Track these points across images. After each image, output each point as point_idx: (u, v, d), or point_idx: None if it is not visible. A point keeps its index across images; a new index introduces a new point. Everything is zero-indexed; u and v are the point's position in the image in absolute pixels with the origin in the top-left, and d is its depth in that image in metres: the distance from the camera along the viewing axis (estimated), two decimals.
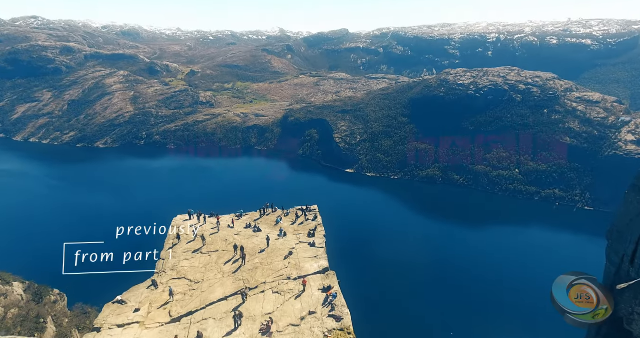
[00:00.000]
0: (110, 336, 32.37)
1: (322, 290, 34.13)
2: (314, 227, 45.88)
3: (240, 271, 38.54)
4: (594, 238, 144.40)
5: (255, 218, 50.48)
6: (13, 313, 55.16)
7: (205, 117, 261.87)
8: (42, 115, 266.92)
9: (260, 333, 29.89)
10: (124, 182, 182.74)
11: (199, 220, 48.43)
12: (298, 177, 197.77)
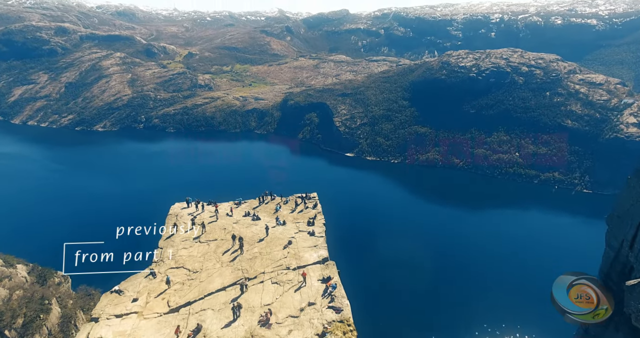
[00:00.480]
0: (108, 326, 32.09)
1: (322, 280, 33.72)
2: (313, 215, 45.23)
3: (239, 261, 38.08)
4: (592, 220, 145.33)
5: (254, 206, 49.80)
6: (18, 295, 55.45)
7: (204, 100, 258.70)
8: (39, 97, 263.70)
9: (259, 324, 29.58)
10: (123, 166, 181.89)
11: (197, 208, 47.76)
12: (298, 161, 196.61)
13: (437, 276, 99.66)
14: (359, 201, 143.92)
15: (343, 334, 28.29)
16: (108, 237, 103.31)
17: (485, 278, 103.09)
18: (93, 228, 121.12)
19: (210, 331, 29.59)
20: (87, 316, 61.94)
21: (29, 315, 51.79)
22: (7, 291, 56.81)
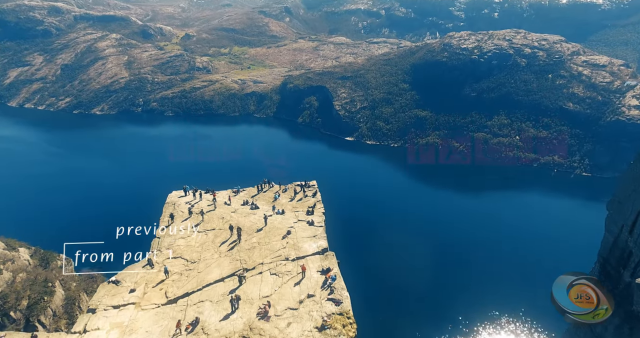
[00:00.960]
0: (105, 317, 31.84)
1: (321, 272, 33.26)
2: (312, 204, 44.57)
3: (237, 251, 37.60)
4: (590, 203, 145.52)
5: (253, 194, 49.08)
6: (21, 277, 55.66)
7: (203, 83, 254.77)
8: (35, 80, 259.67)
9: (258, 317, 29.26)
10: (122, 150, 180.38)
11: (195, 197, 47.01)
12: (297, 146, 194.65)
13: (438, 263, 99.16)
14: (359, 188, 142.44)
15: (342, 327, 27.96)
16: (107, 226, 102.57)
17: (485, 263, 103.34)
18: (93, 212, 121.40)
19: (209, 324, 29.28)
20: (90, 297, 62.50)
21: (33, 297, 52.22)
22: (11, 274, 56.96)
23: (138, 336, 29.52)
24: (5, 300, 49.32)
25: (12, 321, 49.61)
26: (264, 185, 49.87)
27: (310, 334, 27.51)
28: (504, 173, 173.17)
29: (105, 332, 30.34)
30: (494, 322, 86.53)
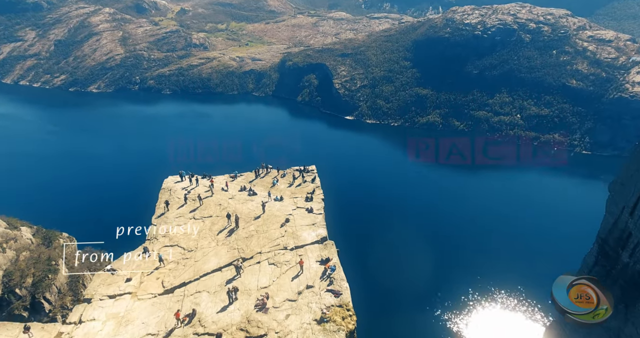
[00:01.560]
0: (101, 308, 31.24)
1: (320, 262, 32.41)
2: (311, 190, 43.40)
3: (234, 239, 36.69)
4: (589, 180, 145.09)
5: (250, 179, 47.82)
6: (25, 256, 55.59)
7: (200, 60, 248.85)
8: (28, 56, 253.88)
9: (256, 309, 28.58)
10: (120, 129, 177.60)
11: (191, 182, 45.74)
12: (297, 125, 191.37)
13: (439, 248, 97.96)
14: (359, 170, 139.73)
15: (342, 319, 27.32)
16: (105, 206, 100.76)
17: (484, 242, 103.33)
18: (91, 193, 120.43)
19: (206, 316, 28.64)
20: (93, 275, 62.57)
21: (37, 275, 52.52)
22: (14, 252, 56.85)
23: (134, 327, 28.94)
24: (10, 278, 49.73)
25: (18, 298, 49.92)
26: (262, 169, 48.51)
27: (309, 327, 26.87)
28: (504, 152, 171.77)
29: (101, 322, 29.77)
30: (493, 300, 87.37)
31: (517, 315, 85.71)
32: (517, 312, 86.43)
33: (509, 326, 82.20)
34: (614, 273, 20.85)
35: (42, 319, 50.09)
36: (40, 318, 49.88)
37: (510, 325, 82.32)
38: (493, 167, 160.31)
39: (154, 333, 28.03)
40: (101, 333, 28.70)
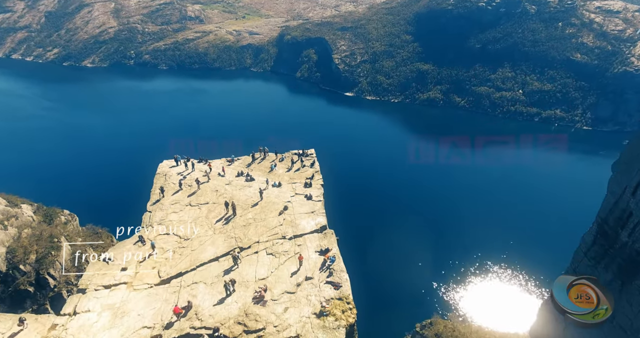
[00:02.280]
0: (96, 298, 30.44)
1: (319, 252, 31.41)
2: (310, 175, 41.99)
3: (232, 227, 35.59)
4: (588, 156, 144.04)
5: (248, 163, 46.26)
6: (27, 233, 55.12)
7: (196, 34, 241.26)
8: (19, 28, 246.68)
9: (254, 302, 27.78)
10: (116, 106, 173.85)
11: (187, 167, 44.20)
12: (295, 103, 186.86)
13: (440, 230, 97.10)
14: (359, 152, 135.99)
15: (342, 313, 26.57)
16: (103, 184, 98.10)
17: (484, 222, 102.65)
18: (89, 170, 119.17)
19: (202, 308, 27.87)
20: (97, 251, 62.28)
21: (40, 252, 52.36)
22: (16, 229, 56.44)
23: (130, 319, 28.23)
24: (14, 255, 49.64)
25: (23, 273, 50.01)
26: (260, 153, 46.87)
27: (308, 321, 26.15)
28: (504, 129, 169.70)
29: (96, 314, 29.03)
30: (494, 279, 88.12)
31: (516, 293, 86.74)
32: (516, 290, 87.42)
33: (508, 305, 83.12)
34: (611, 252, 20.70)
35: (48, 294, 50.25)
36: (46, 293, 50.11)
37: (509, 304, 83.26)
38: (494, 144, 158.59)
39: (149, 326, 27.35)
40: (96, 326, 28.00)
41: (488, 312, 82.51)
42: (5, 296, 45.85)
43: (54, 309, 48.45)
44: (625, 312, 19.31)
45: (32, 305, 49.15)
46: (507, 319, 79.09)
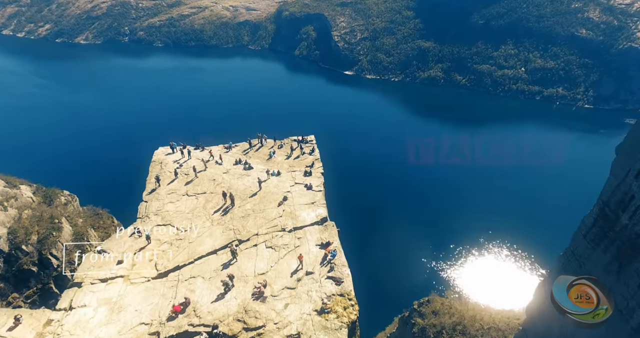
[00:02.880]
0: (92, 293, 29.61)
1: (320, 246, 30.40)
2: (310, 163, 40.60)
3: (230, 219, 34.49)
4: (589, 135, 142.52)
5: (245, 149, 44.72)
6: (27, 214, 54.40)
7: (191, 10, 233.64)
8: (8, 2, 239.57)
9: (253, 298, 26.96)
10: (111, 84, 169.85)
11: (183, 155, 42.68)
12: (294, 82, 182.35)
13: (440, 214, 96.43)
14: (359, 133, 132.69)
15: (344, 309, 25.84)
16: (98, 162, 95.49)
17: (486, 201, 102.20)
18: (85, 151, 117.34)
19: (201, 305, 27.09)
20: (98, 232, 61.82)
21: (42, 233, 51.90)
22: (16, 211, 55.78)
23: (127, 314, 27.49)
24: (15, 235, 49.20)
25: (26, 254, 49.74)
26: (258, 140, 45.25)
27: (309, 318, 25.42)
28: (505, 108, 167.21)
29: (92, 309, 28.26)
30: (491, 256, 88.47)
31: (513, 272, 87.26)
32: (513, 269, 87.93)
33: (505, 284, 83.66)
34: (611, 235, 20.67)
35: (52, 274, 49.93)
36: (50, 273, 49.84)
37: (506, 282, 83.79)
38: (494, 123, 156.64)
39: (147, 323, 26.63)
40: (93, 321, 27.26)
41: (485, 290, 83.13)
42: (10, 275, 45.95)
43: (59, 288, 48.77)
44: (621, 292, 19.42)
45: (36, 284, 49.22)
46: (504, 297, 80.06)
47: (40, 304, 46.87)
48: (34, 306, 46.34)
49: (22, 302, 47.44)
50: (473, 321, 47.23)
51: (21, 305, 46.50)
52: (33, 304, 47.02)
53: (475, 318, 47.43)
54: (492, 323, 46.06)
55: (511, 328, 44.07)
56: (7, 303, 46.41)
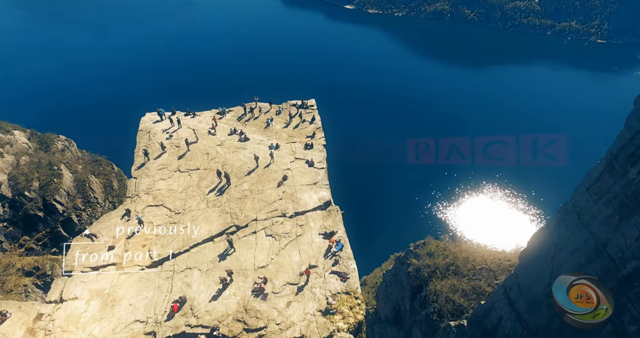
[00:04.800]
0: (83, 283, 27.49)
1: (324, 235, 27.54)
2: (311, 133, 36.27)
3: (226, 200, 31.27)
4: (599, 73, 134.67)
5: (240, 114, 39.93)
6: (25, 161, 51.86)
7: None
8: None
9: (253, 295, 24.75)
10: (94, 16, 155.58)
11: (172, 123, 38.06)
12: (291, 17, 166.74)
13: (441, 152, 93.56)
14: (362, 84, 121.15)
15: (350, 309, 23.74)
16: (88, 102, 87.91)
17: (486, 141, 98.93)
18: (74, 92, 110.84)
19: (198, 303, 24.99)
20: (99, 179, 59.74)
21: (42, 179, 49.40)
22: (13, 157, 53.13)
23: (121, 309, 25.59)
24: (16, 182, 47.16)
25: (29, 199, 47.54)
26: (253, 104, 40.22)
27: (313, 319, 23.43)
28: (514, 43, 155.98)
29: (84, 301, 26.32)
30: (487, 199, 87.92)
31: (508, 215, 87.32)
32: (508, 212, 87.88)
33: (499, 226, 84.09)
34: (615, 189, 19.49)
35: (58, 218, 48.69)
36: (57, 218, 48.45)
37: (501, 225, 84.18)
38: (500, 60, 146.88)
39: (142, 320, 24.77)
40: (85, 316, 25.42)
41: (479, 232, 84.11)
42: (17, 220, 45.02)
43: (67, 232, 47.66)
44: (618, 243, 19.32)
45: (44, 228, 47.97)
46: (496, 239, 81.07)
47: (51, 246, 46.66)
48: (46, 248, 46.39)
49: (34, 245, 46.83)
50: (466, 262, 47.21)
51: (33, 247, 46.07)
52: (45, 246, 46.68)
53: (468, 260, 47.42)
54: (483, 264, 46.35)
55: (502, 269, 44.30)
56: (19, 245, 46.00)
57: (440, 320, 40.94)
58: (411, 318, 48.06)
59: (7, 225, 44.56)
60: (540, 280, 25.44)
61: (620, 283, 19.55)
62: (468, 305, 41.12)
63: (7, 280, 40.70)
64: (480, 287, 40.96)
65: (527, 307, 27.24)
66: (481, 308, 33.67)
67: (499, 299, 30.46)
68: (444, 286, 43.29)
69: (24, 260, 43.15)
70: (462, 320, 38.24)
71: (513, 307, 28.72)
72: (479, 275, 45.02)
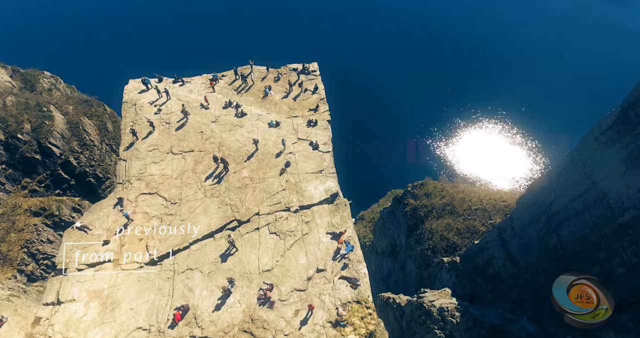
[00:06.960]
0: (80, 283, 24.71)
1: (332, 235, 24.03)
2: (314, 105, 30.73)
3: (225, 189, 27.20)
4: (608, 4, 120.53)
5: (233, 80, 33.77)
6: (11, 101, 47.07)
7: None
8: None
9: (259, 303, 22.09)
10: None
11: (160, 94, 32.20)
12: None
13: None
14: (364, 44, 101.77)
15: (361, 320, 21.23)
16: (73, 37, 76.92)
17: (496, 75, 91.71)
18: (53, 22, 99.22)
19: (202, 311, 22.41)
20: (93, 121, 55.46)
21: (33, 122, 45.51)
22: None
23: (122, 314, 23.18)
24: (6, 123, 43.36)
25: (24, 142, 44.37)
26: (248, 68, 33.78)
27: (323, 331, 21.02)
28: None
29: (83, 304, 23.79)
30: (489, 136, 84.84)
31: (508, 153, 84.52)
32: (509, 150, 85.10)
33: (497, 166, 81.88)
34: (627, 138, 18.68)
35: (57, 161, 46.05)
36: (55, 160, 45.96)
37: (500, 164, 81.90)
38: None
39: (145, 328, 22.46)
40: (85, 320, 23.08)
41: (477, 172, 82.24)
42: (15, 162, 42.76)
43: (68, 174, 46.10)
44: (619, 192, 18.82)
45: (44, 170, 45.48)
46: (495, 177, 79.47)
47: (54, 188, 45.05)
48: (49, 190, 44.61)
49: (37, 186, 44.62)
50: (462, 202, 46.34)
51: (36, 189, 43.97)
52: (47, 188, 44.76)
53: (464, 200, 46.36)
54: (479, 205, 45.48)
55: (496, 209, 43.39)
56: (22, 187, 43.92)
57: (434, 256, 41.75)
58: (406, 253, 49.49)
59: (5, 168, 42.18)
60: (535, 224, 25.04)
61: (615, 230, 19.11)
62: (461, 244, 40.93)
63: (17, 220, 40.09)
64: (475, 226, 40.96)
65: (519, 248, 27.10)
66: (474, 247, 34.79)
67: (492, 240, 30.73)
68: (439, 225, 43.29)
69: (30, 201, 42.20)
70: (455, 256, 39.51)
71: (505, 247, 28.84)
72: (474, 215, 43.99)
